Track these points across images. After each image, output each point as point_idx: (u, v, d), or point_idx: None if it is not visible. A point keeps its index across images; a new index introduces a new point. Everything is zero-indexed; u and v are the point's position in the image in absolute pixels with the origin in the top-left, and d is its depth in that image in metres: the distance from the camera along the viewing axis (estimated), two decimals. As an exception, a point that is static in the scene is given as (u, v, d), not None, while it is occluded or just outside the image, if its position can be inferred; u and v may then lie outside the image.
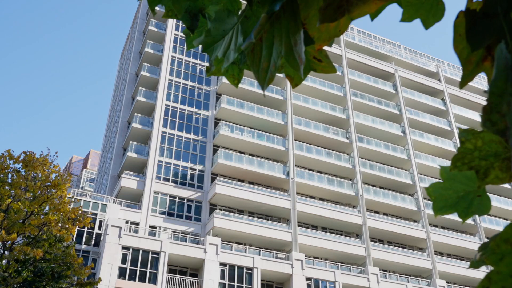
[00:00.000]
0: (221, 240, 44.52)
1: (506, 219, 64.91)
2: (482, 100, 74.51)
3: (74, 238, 38.73)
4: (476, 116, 71.74)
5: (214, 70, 2.03)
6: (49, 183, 18.14)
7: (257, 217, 49.32)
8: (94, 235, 42.06)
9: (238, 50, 1.74)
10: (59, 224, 17.98)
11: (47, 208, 18.06)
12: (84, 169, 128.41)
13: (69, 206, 18.41)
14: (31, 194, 18.38)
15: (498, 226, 61.49)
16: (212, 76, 54.49)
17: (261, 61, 1.30)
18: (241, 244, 46.99)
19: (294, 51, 1.30)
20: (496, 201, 63.71)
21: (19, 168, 19.53)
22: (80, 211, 18.79)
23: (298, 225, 49.88)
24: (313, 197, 53.79)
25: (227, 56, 1.73)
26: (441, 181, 1.46)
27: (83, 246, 40.99)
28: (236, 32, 1.72)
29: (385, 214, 57.10)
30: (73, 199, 20.58)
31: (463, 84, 1.36)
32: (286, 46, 1.30)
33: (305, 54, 1.59)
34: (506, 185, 66.17)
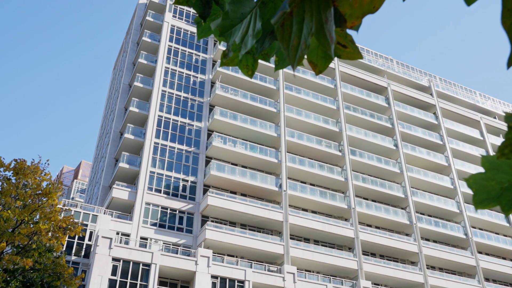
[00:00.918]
0: (213, 252, 44.16)
1: (497, 234, 65.07)
2: (474, 115, 75.10)
3: (64, 248, 38.25)
4: (467, 130, 72.19)
5: (227, 60, 1.94)
6: (40, 191, 17.83)
7: (249, 229, 49.03)
8: (84, 246, 41.54)
9: (256, 36, 1.65)
10: (50, 233, 17.64)
11: (37, 216, 17.72)
12: (75, 180, 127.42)
13: (60, 215, 18.09)
14: (22, 202, 18.03)
15: (490, 240, 61.62)
16: (204, 87, 54.17)
17: (291, 37, 1.21)
18: (232, 256, 46.64)
19: (325, 29, 1.21)
20: (488, 215, 63.92)
21: (10, 175, 19.24)
22: (71, 220, 18.47)
23: (290, 238, 49.65)
24: (306, 210, 53.64)
25: (245, 42, 1.63)
26: (482, 171, 1.35)
27: (73, 257, 40.44)
28: (254, 16, 1.63)
29: (377, 227, 57.01)
30: (64, 208, 20.22)
31: (510, 63, 1.27)
32: (316, 23, 1.21)
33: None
34: (498, 200, 66.30)
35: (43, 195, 17.62)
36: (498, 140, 74.85)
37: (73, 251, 40.85)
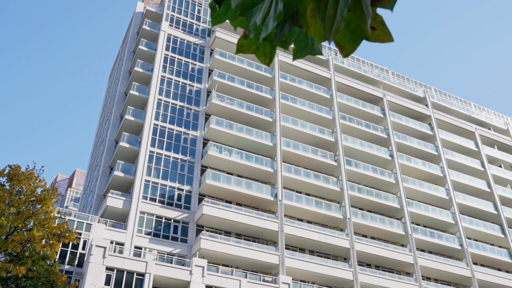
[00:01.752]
0: (208, 262, 43.86)
1: (492, 245, 65.03)
2: (469, 126, 75.38)
3: (58, 257, 37.86)
4: (462, 141, 72.41)
5: (244, 47, 1.84)
6: (34, 198, 17.55)
7: (244, 239, 48.77)
8: (77, 255, 41.13)
9: (278, 18, 1.55)
10: (43, 241, 17.35)
11: (31, 223, 17.43)
12: (69, 188, 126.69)
13: (54, 222, 17.82)
14: (15, 209, 17.73)
15: (485, 251, 61.56)
16: (200, 96, 53.97)
17: (328, 8, 1.11)
18: (227, 266, 46.32)
19: (362, 2, 1.11)
20: (483, 227, 63.92)
21: (4, 182, 18.95)
22: (66, 227, 18.20)
23: (286, 248, 49.40)
24: (301, 220, 53.44)
25: (266, 24, 1.54)
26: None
27: (66, 266, 40.02)
28: (276, -3, 1.53)
29: (372, 238, 56.87)
30: (59, 215, 19.94)
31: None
32: (353, -5, 1.11)
33: (356, 20, 1.40)
34: (493, 211, 66.49)
35: (38, 201, 17.35)
36: (493, 151, 75.14)
37: (67, 260, 40.43)
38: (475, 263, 61.23)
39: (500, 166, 75.66)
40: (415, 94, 74.15)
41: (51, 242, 17.36)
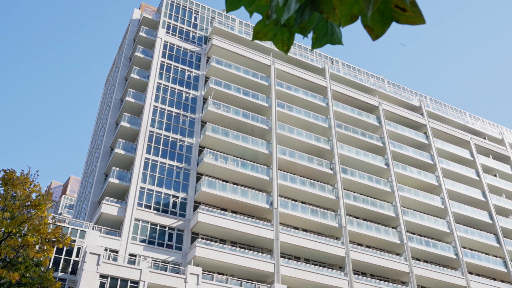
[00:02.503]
0: (202, 270, 43.56)
1: (487, 254, 65.00)
2: (464, 135, 75.62)
3: (51, 264, 37.48)
4: (458, 150, 72.58)
5: (261, 34, 1.76)
6: (29, 203, 17.31)
7: (240, 247, 48.53)
8: (71, 263, 40.76)
9: (300, 1, 1.47)
10: (37, 247, 17.11)
11: (25, 229, 17.18)
12: (63, 195, 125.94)
13: (48, 228, 17.58)
14: (9, 214, 17.48)
15: (480, 260, 61.52)
16: (196, 104, 53.79)
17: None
18: (222, 274, 46.03)
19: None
20: (478, 236, 63.92)
21: (-2, 186, 18.69)
22: (60, 232, 17.95)
23: (281, 256, 49.18)
24: (297, 228, 53.27)
25: (288, 5, 1.46)
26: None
27: (60, 274, 39.63)
28: (298, -22, 1.45)
29: (368, 246, 56.72)
30: (53, 220, 19.63)
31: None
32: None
33: (385, 1, 1.33)
34: (488, 220, 66.54)
35: (32, 206, 17.12)
36: (488, 161, 75.37)
37: (60, 267, 40.05)
38: (470, 272, 61.14)
39: (495, 176, 75.82)
40: (410, 103, 74.38)
41: (45, 247, 17.10)
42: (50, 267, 19.33)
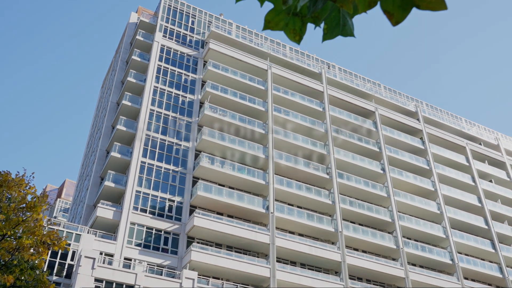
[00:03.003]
0: (198, 275, 43.37)
1: (483, 260, 65.04)
2: (460, 141, 75.80)
3: (46, 265, 37.22)
4: (453, 156, 72.73)
5: (272, 24, 1.71)
6: (24, 205, 17.18)
7: (235, 251, 48.38)
8: (66, 266, 40.53)
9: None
10: (32, 249, 16.95)
11: (20, 231, 17.03)
12: (58, 199, 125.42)
13: (44, 230, 17.44)
14: (4, 216, 17.34)
15: (476, 266, 61.54)
16: (192, 107, 53.78)
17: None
18: (218, 279, 45.85)
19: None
20: (474, 241, 63.98)
21: (-7, 188, 18.53)
22: (56, 235, 17.81)
23: (277, 261, 49.04)
24: (293, 233, 53.17)
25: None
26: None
27: (54, 277, 39.39)
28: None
29: (364, 251, 56.66)
30: (49, 222, 19.46)
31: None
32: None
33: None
34: (484, 225, 66.62)
35: (28, 208, 16.98)
36: (484, 166, 75.54)
37: (55, 270, 39.81)
38: (465, 278, 61.15)
39: (490, 181, 75.99)
40: (407, 109, 74.55)
41: (40, 250, 16.95)
42: (44, 270, 19.16)
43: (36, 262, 17.52)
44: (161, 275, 42.08)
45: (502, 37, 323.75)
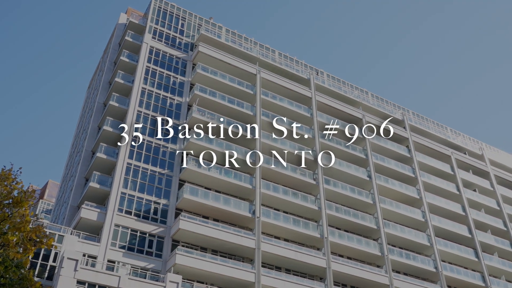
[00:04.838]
0: (182, 278, 42.93)
1: (466, 268, 65.48)
2: (445, 150, 76.44)
3: (28, 266, 36.47)
4: (439, 165, 73.30)
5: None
6: (10, 200, 16.75)
7: (221, 255, 48.01)
8: (47, 268, 39.78)
9: None
10: (20, 248, 16.49)
11: (6, 227, 16.59)
12: (41, 200, 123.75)
13: (29, 226, 17.00)
14: (-12, 211, 16.90)
15: (459, 274, 61.96)
16: (180, 110, 53.34)
17: None
18: (202, 283, 45.42)
19: None
20: (458, 250, 64.43)
21: (-22, 183, 18.01)
22: (42, 231, 17.37)
23: (262, 266, 48.78)
24: (278, 238, 53.00)
25: None
26: None
27: (36, 279, 38.59)
28: None
29: (349, 258, 56.67)
30: (35, 218, 18.99)
31: None
32: None
33: None
34: (467, 234, 67.13)
35: (14, 204, 16.55)
36: (468, 175, 76.26)
37: (36, 272, 39.04)
38: (449, 286, 61.46)
39: (474, 190, 76.72)
40: (393, 116, 74.97)
41: (27, 246, 16.50)
42: (29, 268, 18.73)
43: (22, 260, 17.08)
44: (145, 278, 41.55)
45: (488, 47, 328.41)
